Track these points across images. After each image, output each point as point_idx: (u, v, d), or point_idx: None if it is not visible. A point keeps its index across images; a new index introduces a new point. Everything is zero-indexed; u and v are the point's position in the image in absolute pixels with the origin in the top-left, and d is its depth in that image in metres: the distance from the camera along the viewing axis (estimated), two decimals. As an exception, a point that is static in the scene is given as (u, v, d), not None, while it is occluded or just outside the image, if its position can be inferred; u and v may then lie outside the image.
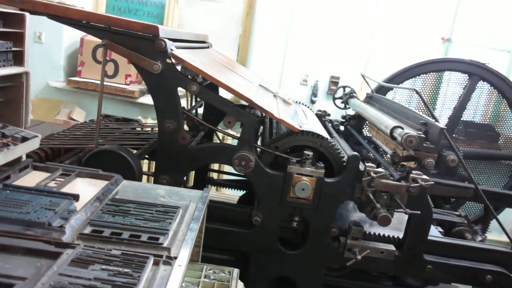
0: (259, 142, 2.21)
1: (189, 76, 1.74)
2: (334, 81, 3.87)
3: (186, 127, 2.03)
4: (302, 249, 1.74)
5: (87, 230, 1.02)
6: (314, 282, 1.79)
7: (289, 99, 2.38)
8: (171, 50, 1.57)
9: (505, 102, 3.17)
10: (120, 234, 1.02)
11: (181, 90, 1.68)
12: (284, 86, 3.86)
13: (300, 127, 1.70)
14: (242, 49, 4.04)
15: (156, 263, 0.94)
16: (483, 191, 2.19)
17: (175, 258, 0.97)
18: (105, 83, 3.54)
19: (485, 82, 3.12)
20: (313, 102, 3.91)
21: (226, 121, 1.62)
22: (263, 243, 1.73)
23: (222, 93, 1.97)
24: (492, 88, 3.15)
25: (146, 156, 2.04)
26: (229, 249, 1.88)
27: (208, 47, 2.42)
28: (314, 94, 3.89)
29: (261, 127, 2.32)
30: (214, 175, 3.18)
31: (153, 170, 1.72)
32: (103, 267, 0.88)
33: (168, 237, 1.05)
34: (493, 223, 2.32)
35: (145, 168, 3.32)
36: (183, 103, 2.03)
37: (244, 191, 2.52)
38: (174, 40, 1.65)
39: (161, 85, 1.59)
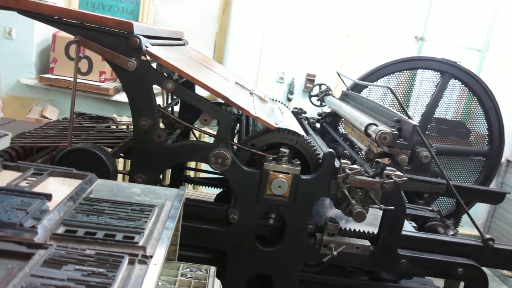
0: (235, 140, 2.22)
1: (164, 74, 1.72)
2: (310, 79, 3.90)
3: (162, 125, 2.02)
4: (279, 245, 1.75)
5: (60, 230, 1.00)
6: (291, 279, 1.81)
7: (266, 96, 2.38)
8: (146, 47, 1.55)
9: (476, 99, 3.26)
10: (94, 233, 1.00)
11: (157, 88, 1.66)
12: (261, 84, 3.87)
13: (276, 124, 1.71)
14: (219, 46, 4.03)
15: (131, 262, 0.93)
16: (454, 186, 2.24)
17: (151, 257, 0.96)
18: (78, 80, 3.49)
19: (456, 80, 3.20)
20: (289, 99, 3.93)
21: (202, 119, 1.62)
22: (240, 240, 1.73)
23: (199, 91, 1.96)
24: (463, 86, 3.23)
25: (122, 154, 2.01)
26: (206, 247, 1.88)
27: (184, 44, 2.40)
28: (291, 91, 3.91)
29: (238, 125, 2.32)
30: (191, 173, 3.17)
31: (129, 169, 1.70)
32: (77, 267, 0.86)
33: (144, 236, 1.04)
34: (465, 218, 2.38)
35: (120, 166, 3.29)
36: (159, 100, 2.02)
37: (221, 189, 2.52)
38: (149, 37, 1.64)
39: (136, 82, 1.57)
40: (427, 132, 3.28)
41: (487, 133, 3.29)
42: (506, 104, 3.47)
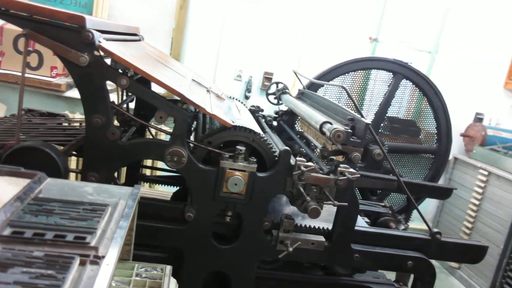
0: (192, 138, 2.20)
1: (119, 70, 1.69)
2: (267, 77, 3.93)
3: (116, 122, 1.97)
4: (236, 243, 1.76)
5: (7, 231, 0.96)
6: (248, 276, 1.82)
7: (223, 94, 2.38)
8: (99, 42, 1.51)
9: (426, 99, 3.39)
10: (43, 234, 0.97)
11: (112, 84, 1.62)
12: (218, 81, 3.86)
13: (233, 122, 1.71)
14: (176, 43, 3.98)
15: (82, 263, 0.90)
16: (405, 183, 2.32)
17: (103, 257, 0.94)
18: (28, 75, 3.35)
19: (408, 81, 3.32)
20: (247, 97, 3.94)
21: (157, 116, 1.59)
22: (196, 239, 1.73)
23: (155, 88, 1.93)
24: (414, 86, 3.35)
25: (74, 152, 1.95)
26: (162, 246, 1.86)
27: (139, 40, 2.36)
28: (248, 89, 3.92)
29: (194, 123, 2.31)
30: (147, 172, 3.12)
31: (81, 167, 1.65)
32: (24, 269, 0.83)
33: (96, 236, 1.01)
34: (415, 212, 2.47)
35: (73, 165, 3.18)
36: (113, 97, 1.97)
37: (178, 187, 2.49)
38: (102, 32, 1.59)
39: (88, 78, 1.53)
40: (380, 130, 3.38)
41: (436, 131, 3.43)
42: (453, 104, 3.63)
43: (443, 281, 3.87)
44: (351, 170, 1.70)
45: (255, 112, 2.82)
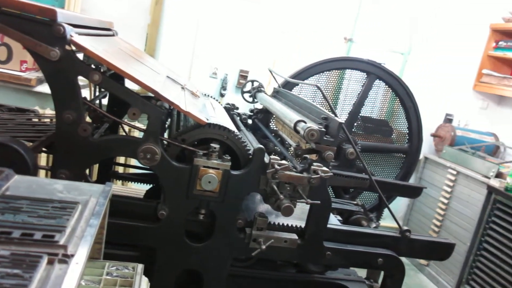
0: (166, 135, 2.18)
1: (92, 65, 1.66)
2: (243, 75, 3.93)
3: (88, 119, 1.94)
4: (209, 241, 1.76)
5: (-29, 229, 0.93)
6: (221, 274, 1.82)
7: (198, 91, 2.37)
8: (71, 36, 1.48)
9: (398, 100, 3.46)
10: (10, 233, 0.94)
11: (84, 80, 1.59)
12: (194, 79, 3.84)
13: (207, 120, 1.71)
14: (151, 39, 3.93)
15: (50, 262, 0.88)
16: (377, 181, 2.37)
17: (72, 256, 0.92)
18: (-4, 69, 3.24)
19: (381, 81, 3.38)
20: (222, 95, 3.93)
21: (130, 113, 1.57)
22: (169, 237, 1.71)
23: (129, 84, 1.90)
24: (387, 86, 3.41)
25: (44, 149, 1.91)
26: (135, 245, 1.84)
27: (113, 35, 2.32)
28: (224, 87, 3.91)
29: (169, 120, 2.29)
30: (120, 169, 3.08)
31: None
32: (-11, 269, 0.81)
33: (65, 235, 0.99)
34: (387, 211, 2.52)
35: (43, 162, 3.11)
36: (86, 93, 1.93)
37: (151, 185, 2.47)
38: (75, 26, 1.56)
39: (59, 73, 1.50)
40: (353, 129, 3.43)
41: (407, 131, 3.50)
42: (424, 105, 3.71)
43: (412, 278, 3.96)
44: (324, 168, 1.72)
45: (230, 110, 2.82)
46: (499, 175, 3.49)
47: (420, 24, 4.30)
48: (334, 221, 2.20)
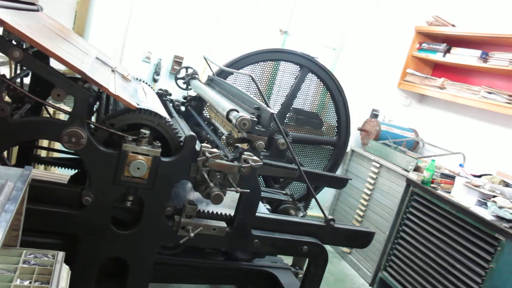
0: (94, 119, 2.10)
1: (13, 41, 1.55)
2: (177, 61, 3.85)
3: (7, 98, 1.82)
4: (135, 228, 1.72)
5: None
6: (147, 262, 1.79)
7: (129, 75, 2.29)
8: (-11, 8, 1.37)
9: (329, 94, 3.57)
10: None
11: (4, 57, 1.48)
12: (125, 62, 3.70)
13: (138, 104, 1.66)
14: (80, 17, 3.73)
15: (-42, 249, 0.83)
16: (305, 172, 2.44)
17: (-16, 242, 0.87)
18: None
19: (313, 75, 3.46)
20: (155, 80, 3.84)
21: (54, 94, 1.49)
22: (94, 224, 1.66)
23: (55, 64, 1.80)
24: (319, 80, 3.51)
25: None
26: (57, 232, 1.76)
27: (37, 10, 2.18)
28: (157, 72, 3.82)
29: (97, 103, 2.20)
30: (43, 153, 2.92)
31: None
32: None
33: (-24, 220, 0.93)
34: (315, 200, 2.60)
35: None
36: (5, 70, 1.81)
37: (76, 170, 2.37)
38: (-7, -3, 1.45)
39: (-26, 47, 1.38)
40: (285, 121, 3.50)
41: (336, 125, 3.63)
42: (353, 100, 3.87)
43: (335, 265, 4.14)
44: (255, 158, 1.75)
45: (163, 96, 2.77)
46: (417, 169, 3.73)
47: (352, 21, 4.46)
48: (263, 209, 2.25)
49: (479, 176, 3.44)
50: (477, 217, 2.93)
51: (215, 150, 1.69)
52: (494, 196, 3.02)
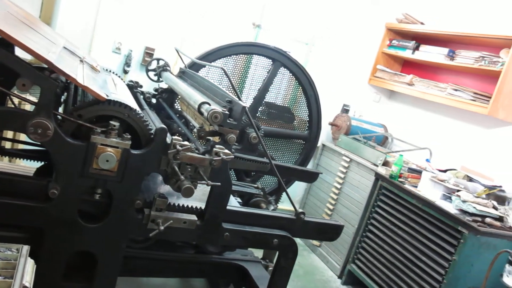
0: (61, 110, 2.05)
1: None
2: (149, 53, 3.79)
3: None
4: (104, 222, 1.69)
5: None
6: (116, 255, 1.77)
7: (98, 66, 2.25)
8: (-51, -8, 1.31)
9: (301, 88, 3.59)
10: None
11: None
12: (95, 53, 3.62)
13: (107, 96, 1.63)
14: (47, 5, 3.61)
15: None
16: (276, 166, 2.46)
17: None
18: None
19: (286, 69, 3.48)
20: (126, 72, 3.77)
21: (19, 84, 1.45)
22: (60, 217, 1.62)
23: (20, 53, 1.74)
24: (291, 74, 3.53)
25: None
26: (22, 226, 1.71)
27: (1, -3, 2.10)
28: (127, 63, 3.75)
29: (65, 94, 2.15)
30: (8, 144, 2.83)
31: None
32: None
33: None
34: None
35: None
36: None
37: (43, 162, 2.31)
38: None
39: None
40: (258, 114, 3.50)
41: (308, 119, 3.67)
42: (324, 95, 3.91)
43: (305, 257, 4.19)
44: (226, 151, 1.75)
45: (133, 87, 2.73)
46: (386, 163, 3.81)
47: (324, 17, 4.50)
48: (234, 203, 2.25)
49: (445, 171, 3.55)
50: (442, 210, 3.02)
51: (186, 143, 1.68)
52: (458, 191, 3.12)
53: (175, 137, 1.69)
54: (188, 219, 1.82)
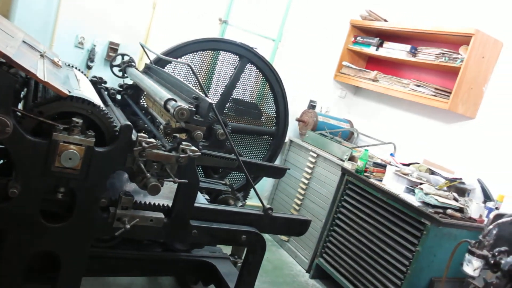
0: (20, 106, 1.98)
1: None
2: (113, 48, 3.71)
3: None
4: (68, 221, 1.65)
5: None
6: (80, 255, 1.73)
7: (60, 61, 2.18)
8: None
9: (268, 85, 3.61)
10: None
11: None
12: (56, 47, 3.50)
13: (70, 92, 1.59)
14: (5, -3, 3.48)
15: None
16: (244, 162, 2.46)
17: None
18: None
19: (252, 65, 3.48)
20: (89, 67, 3.67)
21: (-25, 79, 1.39)
22: (21, 217, 1.57)
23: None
24: (258, 71, 3.54)
25: None
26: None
27: (-45, -12, 2.01)
28: (91, 59, 3.65)
29: (25, 90, 2.07)
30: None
31: None
32: None
33: None
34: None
35: None
36: None
37: (1, 161, 2.22)
38: None
39: None
40: (225, 111, 3.49)
41: (275, 115, 3.69)
42: (291, 91, 3.94)
43: (274, 253, 4.22)
44: (193, 148, 1.74)
45: (97, 83, 2.67)
46: (352, 158, 3.88)
47: (291, 13, 4.51)
48: (201, 200, 2.24)
49: (408, 165, 3.64)
50: (406, 203, 3.10)
51: (152, 140, 1.66)
52: (421, 184, 3.21)
53: (141, 134, 1.67)
54: (155, 217, 1.80)
